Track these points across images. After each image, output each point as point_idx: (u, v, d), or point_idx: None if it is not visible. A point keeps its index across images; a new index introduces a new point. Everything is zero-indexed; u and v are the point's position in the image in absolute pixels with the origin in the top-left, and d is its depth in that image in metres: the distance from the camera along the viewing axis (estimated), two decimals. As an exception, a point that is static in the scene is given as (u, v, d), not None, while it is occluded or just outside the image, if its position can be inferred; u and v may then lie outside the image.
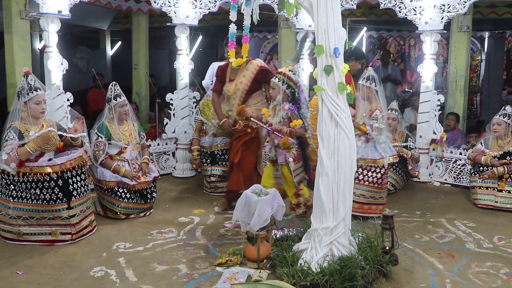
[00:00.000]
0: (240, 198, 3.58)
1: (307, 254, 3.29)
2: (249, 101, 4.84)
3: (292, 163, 4.14)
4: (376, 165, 4.57)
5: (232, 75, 4.88)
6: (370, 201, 4.61)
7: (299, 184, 4.21)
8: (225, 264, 3.51)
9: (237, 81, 4.82)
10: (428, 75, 5.95)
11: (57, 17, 4.93)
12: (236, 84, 4.82)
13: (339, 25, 3.20)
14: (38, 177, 3.80)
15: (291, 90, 4.09)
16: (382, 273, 3.26)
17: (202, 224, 4.46)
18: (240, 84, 4.81)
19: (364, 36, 11.34)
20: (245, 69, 4.80)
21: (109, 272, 3.42)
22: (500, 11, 7.99)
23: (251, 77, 4.79)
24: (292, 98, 4.12)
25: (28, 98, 3.81)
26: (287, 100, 4.12)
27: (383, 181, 4.61)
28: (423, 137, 6.06)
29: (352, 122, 3.31)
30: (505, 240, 4.13)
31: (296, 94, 4.12)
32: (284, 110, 4.10)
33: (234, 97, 4.87)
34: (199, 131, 5.62)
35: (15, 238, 3.91)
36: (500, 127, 5.19)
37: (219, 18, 9.25)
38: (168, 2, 5.88)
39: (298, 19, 6.28)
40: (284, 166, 4.20)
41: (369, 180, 4.55)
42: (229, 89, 4.86)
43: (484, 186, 5.09)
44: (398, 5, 5.82)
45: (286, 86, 4.07)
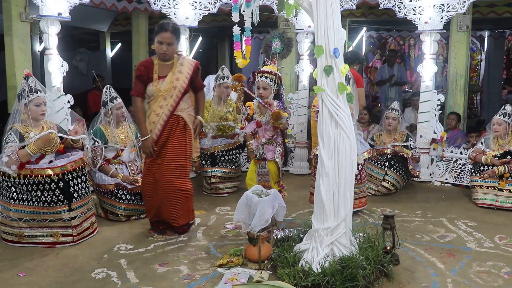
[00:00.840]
0: (241, 199, 3.58)
1: (308, 254, 3.28)
2: (180, 105, 4.05)
3: (279, 159, 4.26)
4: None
5: (162, 71, 4.05)
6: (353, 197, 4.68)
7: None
8: (226, 265, 3.51)
9: (172, 77, 4.01)
10: (428, 74, 5.96)
11: (57, 19, 4.94)
12: (172, 81, 4.00)
13: (338, 26, 3.21)
14: (39, 179, 3.80)
15: (277, 88, 4.21)
16: (383, 273, 3.26)
17: (203, 225, 4.46)
18: (177, 81, 4.01)
19: (363, 36, 11.36)
20: (179, 64, 4.06)
21: (110, 274, 3.42)
22: (499, 11, 8.00)
23: (188, 74, 4.07)
24: (277, 96, 4.24)
25: (28, 100, 3.82)
26: (274, 98, 4.22)
27: (361, 176, 4.79)
28: (424, 137, 6.06)
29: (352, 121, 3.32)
30: (506, 239, 4.13)
31: (280, 92, 4.26)
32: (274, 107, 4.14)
33: (167, 96, 4.03)
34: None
35: (16, 240, 3.91)
36: (501, 126, 5.19)
37: (218, 19, 9.29)
38: (167, 3, 5.89)
39: (297, 20, 6.29)
40: (271, 162, 4.26)
41: None
42: (161, 87, 4.00)
43: (485, 186, 5.09)
44: (397, 5, 5.82)
45: (277, 86, 4.17)
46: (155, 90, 3.99)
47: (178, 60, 4.07)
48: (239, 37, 4.28)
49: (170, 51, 3.97)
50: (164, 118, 3.99)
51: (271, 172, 4.28)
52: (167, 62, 4.03)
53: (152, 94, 4.02)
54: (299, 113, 6.52)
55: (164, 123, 3.99)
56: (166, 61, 4.02)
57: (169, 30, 3.91)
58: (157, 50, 3.98)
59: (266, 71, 4.23)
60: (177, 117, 4.01)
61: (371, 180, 5.59)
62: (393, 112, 5.79)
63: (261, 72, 4.26)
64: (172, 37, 3.92)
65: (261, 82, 4.23)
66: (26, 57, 5.86)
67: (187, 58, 4.21)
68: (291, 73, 7.11)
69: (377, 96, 10.89)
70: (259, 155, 4.28)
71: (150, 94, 4.04)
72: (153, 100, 4.03)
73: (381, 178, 5.55)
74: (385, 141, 5.78)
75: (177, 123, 4.02)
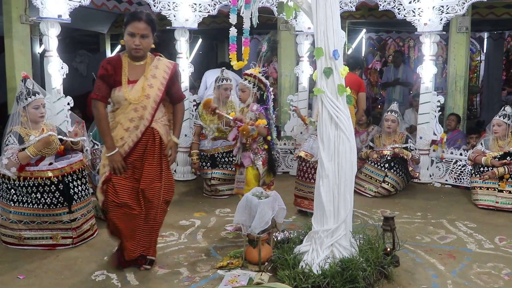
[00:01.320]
0: (241, 201, 3.58)
1: (308, 256, 3.28)
2: (156, 113, 3.33)
3: (260, 166, 4.14)
4: None
5: (132, 74, 3.27)
6: None
7: None
8: (226, 267, 3.51)
9: (144, 83, 3.25)
10: (428, 76, 5.96)
11: (57, 21, 4.94)
12: (144, 88, 3.24)
13: (338, 27, 3.21)
14: (38, 181, 3.80)
15: (261, 92, 4.12)
16: (384, 275, 3.25)
17: (203, 227, 4.46)
18: (150, 89, 3.26)
19: (363, 38, 11.37)
20: (153, 67, 3.31)
21: (110, 276, 3.41)
22: (498, 12, 8.01)
23: (164, 79, 3.34)
24: (261, 100, 4.14)
25: (26, 103, 3.82)
26: (256, 102, 4.14)
27: None
28: (423, 138, 6.06)
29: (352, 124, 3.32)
30: (507, 240, 4.12)
31: (265, 96, 4.14)
32: (252, 111, 4.08)
33: (139, 107, 3.24)
34: (198, 135, 5.61)
35: (16, 242, 3.91)
36: (500, 127, 5.19)
37: (218, 21, 9.29)
38: (167, 5, 5.89)
39: (297, 22, 6.30)
40: (249, 169, 4.16)
41: None
42: (130, 94, 3.22)
43: (485, 187, 5.09)
44: (397, 6, 5.83)
45: (256, 89, 4.09)
46: (124, 97, 3.22)
47: (153, 62, 3.33)
48: (235, 39, 4.28)
49: (144, 45, 3.23)
50: (137, 135, 3.27)
51: (248, 179, 4.16)
52: (139, 61, 3.30)
53: (118, 101, 3.26)
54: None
55: (137, 139, 3.28)
56: (138, 59, 3.29)
57: (143, 19, 3.20)
58: (128, 45, 3.23)
59: (247, 73, 4.16)
60: (151, 130, 3.32)
61: (371, 182, 5.60)
62: (392, 114, 5.79)
63: (244, 75, 4.20)
64: (147, 28, 3.19)
65: (240, 84, 4.20)
66: (26, 59, 5.87)
67: (164, 59, 3.42)
68: (290, 74, 7.12)
69: (377, 98, 10.91)
70: (237, 160, 4.23)
71: (116, 101, 3.28)
72: (120, 110, 3.27)
73: (381, 179, 5.55)
74: (385, 143, 5.78)
75: (152, 138, 3.33)
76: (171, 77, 3.36)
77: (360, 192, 5.55)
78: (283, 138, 6.86)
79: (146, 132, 3.29)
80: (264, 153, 4.18)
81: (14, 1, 5.73)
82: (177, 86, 3.47)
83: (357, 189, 5.37)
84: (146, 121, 3.27)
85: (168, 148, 3.41)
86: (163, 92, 3.31)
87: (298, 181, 4.80)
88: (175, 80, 3.43)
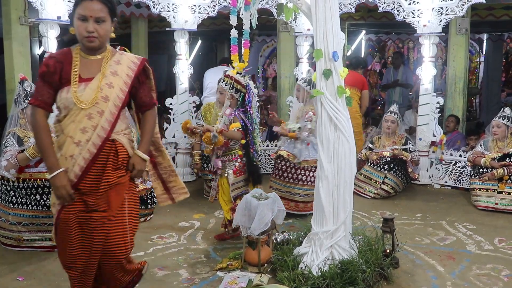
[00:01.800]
0: (240, 202, 3.58)
1: (307, 258, 3.28)
2: (117, 122, 2.55)
3: (231, 175, 3.93)
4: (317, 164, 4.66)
5: (85, 70, 2.51)
6: (312, 199, 4.62)
7: (235, 200, 3.94)
8: (226, 268, 3.51)
9: (101, 82, 2.49)
10: (427, 77, 5.96)
11: (56, 23, 4.95)
12: (100, 88, 2.48)
13: (337, 29, 3.21)
14: (38, 183, 3.80)
15: (240, 94, 3.90)
16: (383, 276, 3.26)
17: (202, 229, 4.46)
18: (110, 89, 2.50)
19: (363, 39, 11.38)
20: (114, 62, 2.55)
21: (109, 278, 3.41)
22: (498, 13, 8.02)
23: (129, 77, 2.56)
24: (242, 102, 3.92)
25: (24, 105, 3.81)
26: (237, 105, 3.93)
27: None
28: (423, 140, 6.07)
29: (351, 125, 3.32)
30: (506, 242, 4.12)
31: (245, 98, 3.92)
32: (226, 116, 3.89)
33: (94, 113, 2.46)
34: (200, 136, 5.60)
35: (15, 244, 3.90)
36: (500, 129, 5.19)
37: (218, 23, 9.30)
38: (167, 7, 5.89)
39: (296, 23, 6.30)
40: (223, 178, 4.00)
41: (312, 180, 4.62)
42: (82, 95, 2.45)
43: (484, 188, 5.10)
44: (396, 8, 5.84)
45: (234, 91, 3.91)
46: (73, 99, 2.43)
47: (114, 56, 2.57)
48: (236, 40, 4.27)
49: (101, 33, 2.45)
50: (92, 150, 2.45)
51: (222, 188, 4.02)
52: (94, 55, 2.52)
53: (66, 106, 2.46)
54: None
55: (91, 157, 2.45)
56: (93, 52, 2.51)
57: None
58: (79, 32, 2.46)
59: (227, 75, 3.99)
60: (112, 144, 2.52)
61: (370, 183, 5.60)
62: (392, 115, 5.79)
63: (224, 76, 4.03)
64: (103, 9, 2.46)
65: (218, 86, 4.09)
66: (25, 60, 5.86)
67: (128, 53, 2.71)
68: (290, 76, 7.12)
69: (377, 99, 10.90)
70: (211, 167, 4.14)
71: (64, 107, 2.47)
72: (69, 118, 2.46)
73: (380, 181, 5.55)
74: (384, 144, 5.78)
75: (114, 154, 2.52)
76: (138, 75, 2.59)
77: (359, 194, 5.55)
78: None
79: (104, 146, 2.47)
80: (239, 161, 3.96)
81: (13, 2, 5.73)
82: (147, 88, 2.68)
83: (356, 190, 5.37)
84: (104, 131, 2.46)
85: (131, 164, 2.58)
86: (126, 94, 2.54)
87: (276, 180, 4.78)
88: (144, 80, 2.67)
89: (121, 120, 2.58)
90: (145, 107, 2.71)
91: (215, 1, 6.03)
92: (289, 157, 4.69)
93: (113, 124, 2.51)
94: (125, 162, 2.57)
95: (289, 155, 4.69)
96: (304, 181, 4.66)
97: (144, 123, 2.74)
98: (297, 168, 4.67)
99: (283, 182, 4.71)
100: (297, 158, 4.66)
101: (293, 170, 4.67)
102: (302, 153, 4.66)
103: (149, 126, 2.73)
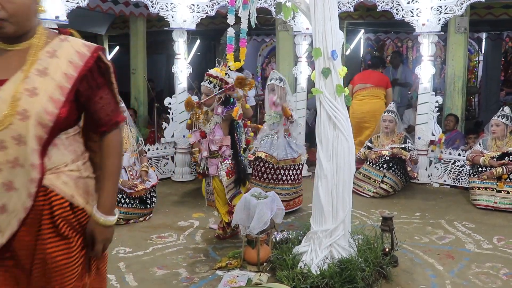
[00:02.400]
0: (239, 201, 3.58)
1: (307, 256, 3.28)
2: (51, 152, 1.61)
3: (224, 177, 3.85)
4: (295, 163, 4.74)
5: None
6: (294, 196, 4.81)
7: (231, 201, 3.90)
8: (225, 267, 3.51)
9: (19, 87, 1.55)
10: (426, 76, 5.97)
11: (54, 23, 4.93)
12: (17, 97, 1.54)
13: (336, 28, 3.21)
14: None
15: (226, 94, 3.82)
16: (382, 275, 3.26)
17: (201, 228, 4.46)
18: (32, 98, 1.56)
19: (361, 38, 11.37)
20: (46, 53, 1.63)
21: (109, 277, 3.40)
22: (497, 12, 8.02)
23: (69, 78, 1.63)
24: (226, 101, 3.83)
25: None
26: (221, 104, 3.83)
27: (301, 175, 4.86)
28: (422, 139, 6.07)
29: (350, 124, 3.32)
30: (505, 240, 4.13)
31: (230, 97, 3.84)
32: (217, 114, 3.81)
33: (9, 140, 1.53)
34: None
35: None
36: (499, 128, 5.20)
37: (216, 22, 9.29)
38: (165, 6, 5.89)
39: (295, 22, 6.30)
40: (215, 179, 3.89)
41: (292, 178, 4.71)
42: None
43: (483, 187, 5.10)
44: (395, 7, 5.84)
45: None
46: None
47: (48, 45, 1.66)
48: (232, 39, 4.26)
49: (12, 9, 1.54)
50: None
51: (216, 191, 3.94)
52: (11, 44, 1.63)
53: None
54: (298, 115, 6.51)
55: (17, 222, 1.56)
56: (9, 40, 1.62)
57: None
58: None
59: (211, 74, 3.81)
60: (44, 195, 1.59)
61: (369, 182, 5.61)
62: (390, 114, 5.79)
63: (207, 75, 3.84)
64: None
65: (204, 87, 3.83)
66: (24, 60, 5.86)
67: (74, 40, 1.74)
68: (289, 75, 7.11)
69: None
70: (202, 169, 3.92)
71: None
72: None
73: (379, 180, 5.55)
74: (383, 143, 5.78)
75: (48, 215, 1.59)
76: (86, 73, 1.67)
77: (358, 193, 5.55)
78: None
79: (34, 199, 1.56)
80: (229, 162, 3.88)
81: (12, 2, 5.73)
82: (105, 95, 1.74)
83: (355, 189, 5.36)
84: (31, 171, 1.55)
85: (88, 234, 1.69)
86: (64, 104, 1.60)
87: (256, 181, 4.71)
88: (100, 84, 1.73)
89: (62, 148, 1.64)
90: (102, 127, 1.72)
91: (214, 1, 6.03)
92: (267, 158, 4.66)
93: (42, 154, 1.58)
94: (68, 226, 1.61)
95: (267, 156, 4.66)
96: (284, 181, 4.69)
97: (104, 156, 1.72)
98: (276, 168, 4.67)
99: (264, 183, 4.68)
100: (274, 157, 4.64)
101: (272, 170, 4.67)
102: (279, 154, 4.64)
103: (112, 161, 1.72)
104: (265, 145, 4.75)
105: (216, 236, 4.16)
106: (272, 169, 4.67)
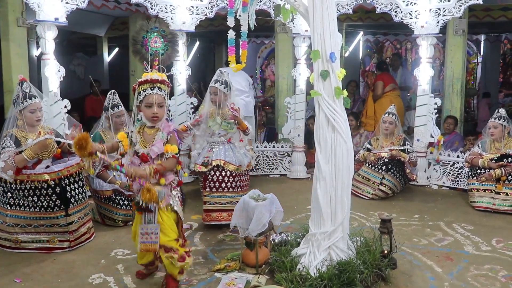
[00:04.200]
0: (238, 204, 3.58)
1: (305, 259, 3.28)
2: None
3: (179, 207, 3.16)
4: (249, 168, 4.62)
5: None
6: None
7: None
8: (223, 269, 3.51)
9: None
10: (425, 78, 5.97)
11: (54, 24, 4.94)
12: None
13: (335, 30, 3.22)
14: (35, 185, 3.79)
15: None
16: (381, 277, 3.26)
17: (200, 230, 4.46)
18: None
19: (360, 40, 11.39)
20: None
21: (107, 279, 3.40)
22: (495, 15, 8.05)
23: None
24: None
25: (23, 106, 3.80)
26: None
27: (246, 183, 4.61)
28: (421, 141, 6.07)
29: (349, 126, 3.33)
30: (503, 242, 4.13)
31: None
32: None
33: None
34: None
35: (12, 246, 3.89)
36: (496, 129, 5.20)
37: (215, 24, 9.30)
38: (165, 8, 5.89)
39: (294, 24, 6.31)
40: (164, 213, 3.07)
41: (245, 184, 4.55)
42: None
43: (482, 189, 5.10)
44: (394, 9, 5.85)
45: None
46: None
47: None
48: (233, 41, 4.26)
49: None
50: None
51: (165, 226, 3.06)
52: None
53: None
54: (296, 117, 6.53)
55: None
56: None
57: None
58: None
59: (157, 79, 3.06)
60: None
61: (368, 184, 5.60)
62: (390, 116, 5.80)
63: (150, 82, 3.05)
64: None
65: (156, 96, 3.06)
66: (23, 62, 5.87)
67: None
68: (288, 77, 7.13)
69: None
70: (142, 202, 3.02)
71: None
72: None
73: (378, 182, 5.55)
74: (383, 145, 5.78)
75: None
76: None
77: (357, 195, 5.55)
78: (280, 141, 6.87)
79: None
80: (178, 190, 3.28)
81: (11, 4, 5.74)
82: None
83: (354, 191, 5.37)
84: None
85: None
86: None
87: (212, 193, 4.39)
88: None
89: None
90: None
91: (213, 2, 6.04)
92: (226, 165, 4.39)
93: None
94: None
95: (226, 164, 4.39)
96: (240, 187, 4.47)
97: None
98: (235, 175, 4.42)
99: (223, 193, 4.40)
100: (235, 164, 4.42)
101: (230, 178, 4.39)
102: (235, 160, 4.43)
103: None
104: (218, 152, 4.44)
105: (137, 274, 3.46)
106: (230, 176, 4.40)
